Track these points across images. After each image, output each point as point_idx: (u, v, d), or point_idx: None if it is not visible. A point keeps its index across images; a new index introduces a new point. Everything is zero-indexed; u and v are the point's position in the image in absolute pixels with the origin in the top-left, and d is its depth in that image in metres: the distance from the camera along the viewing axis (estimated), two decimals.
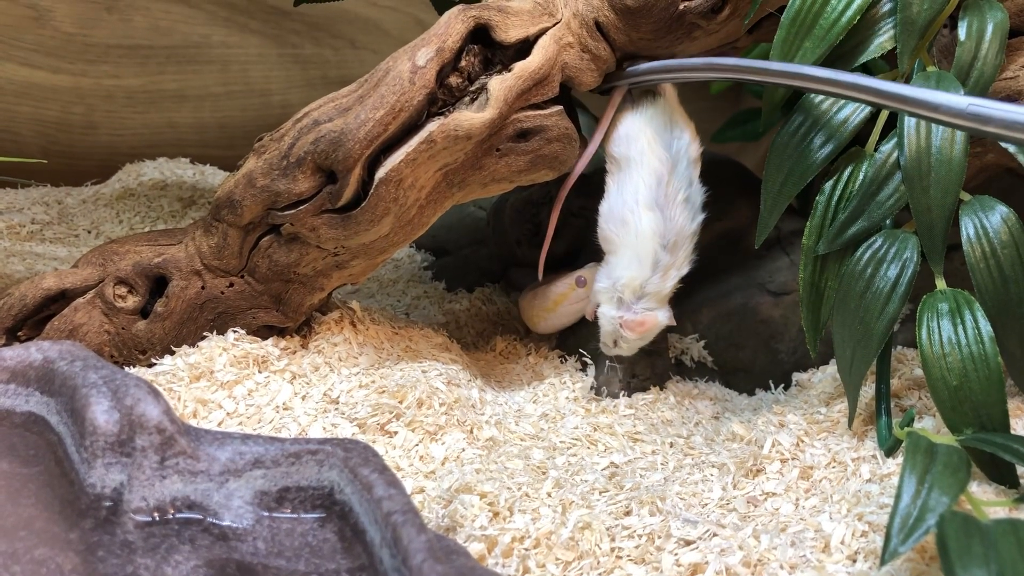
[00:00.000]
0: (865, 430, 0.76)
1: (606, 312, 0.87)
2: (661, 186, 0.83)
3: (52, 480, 0.59)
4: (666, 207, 0.83)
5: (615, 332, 0.86)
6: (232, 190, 0.81)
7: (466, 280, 1.16)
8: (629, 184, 0.84)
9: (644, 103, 0.86)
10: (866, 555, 0.61)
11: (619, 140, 0.86)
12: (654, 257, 0.83)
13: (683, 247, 0.85)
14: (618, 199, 0.85)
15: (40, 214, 1.29)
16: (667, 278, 0.84)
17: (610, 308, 0.86)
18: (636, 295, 0.85)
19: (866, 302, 0.73)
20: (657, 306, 0.85)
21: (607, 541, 0.65)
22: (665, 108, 0.86)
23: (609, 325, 0.87)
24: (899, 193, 0.75)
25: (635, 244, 0.84)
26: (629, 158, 0.85)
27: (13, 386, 0.64)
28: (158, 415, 0.57)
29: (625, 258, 0.85)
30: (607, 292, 0.87)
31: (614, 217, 0.85)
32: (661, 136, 0.84)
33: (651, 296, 0.85)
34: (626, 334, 0.85)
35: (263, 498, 0.57)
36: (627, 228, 0.84)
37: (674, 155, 0.84)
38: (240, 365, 0.82)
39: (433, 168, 0.80)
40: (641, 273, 0.84)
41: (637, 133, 0.85)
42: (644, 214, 0.83)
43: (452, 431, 0.79)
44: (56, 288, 0.82)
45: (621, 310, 0.85)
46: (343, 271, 0.84)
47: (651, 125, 0.85)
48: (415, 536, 0.48)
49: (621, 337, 0.86)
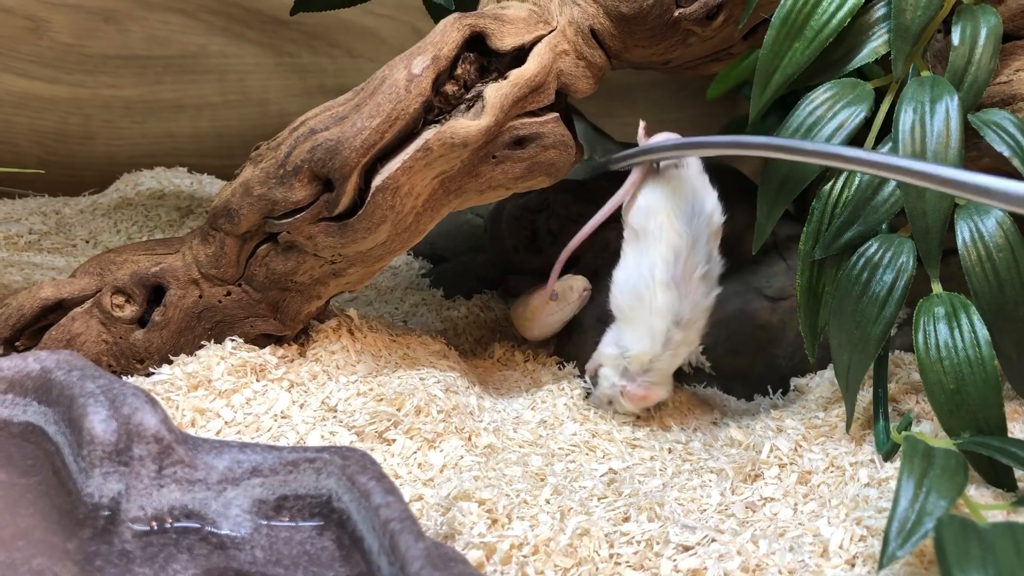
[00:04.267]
0: (863, 434, 0.76)
1: (608, 376, 0.86)
2: (679, 262, 0.81)
3: (50, 490, 0.59)
4: (682, 284, 0.81)
5: (613, 396, 0.86)
6: (229, 199, 0.81)
7: (464, 287, 1.16)
8: (646, 258, 0.82)
9: (666, 174, 0.84)
10: (864, 559, 0.61)
11: (638, 211, 0.84)
12: (666, 335, 0.81)
13: (696, 323, 0.83)
14: (634, 271, 0.83)
15: (38, 224, 1.29)
16: (676, 356, 0.83)
17: (613, 374, 0.85)
18: (642, 368, 0.83)
19: (863, 307, 0.73)
20: (660, 381, 0.84)
21: (606, 547, 0.65)
22: (688, 180, 0.83)
23: (609, 389, 0.86)
24: (894, 197, 0.75)
25: (648, 320, 0.82)
26: (647, 231, 0.82)
27: (11, 396, 0.64)
28: (156, 424, 0.57)
29: (637, 332, 0.83)
30: (613, 359, 0.85)
31: (628, 289, 0.83)
32: (682, 210, 0.82)
33: (657, 371, 0.83)
34: (625, 403, 0.85)
35: (261, 506, 0.57)
36: (642, 303, 0.82)
37: (694, 230, 0.81)
38: (238, 374, 0.82)
39: (430, 176, 0.80)
40: (652, 349, 0.82)
41: (657, 207, 0.82)
42: (660, 291, 0.81)
43: (450, 438, 0.79)
44: (54, 298, 0.82)
45: (624, 379, 0.84)
46: (340, 279, 0.84)
47: (672, 199, 0.82)
48: (413, 543, 0.48)
49: (618, 401, 0.85)
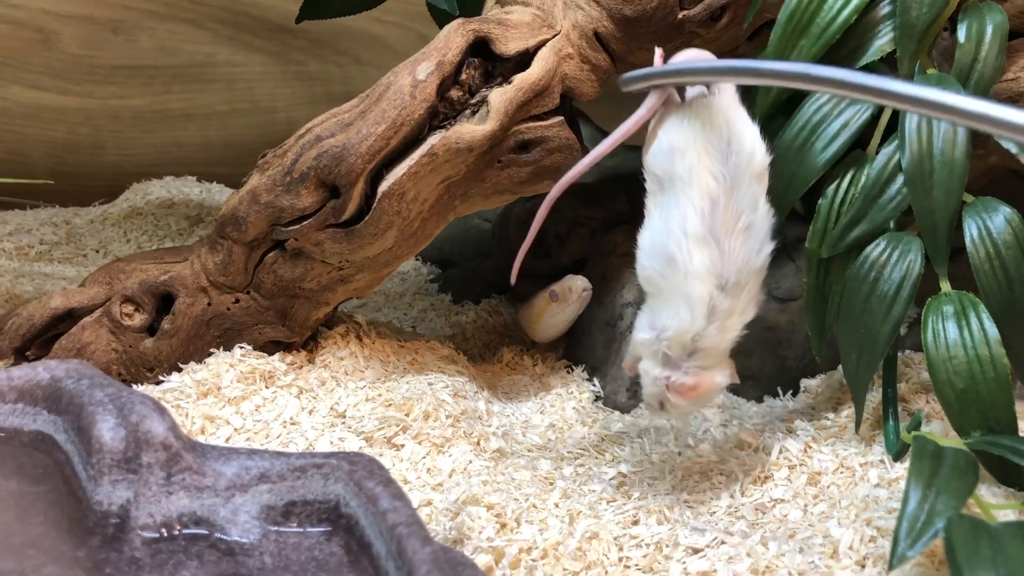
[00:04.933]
0: (873, 435, 0.76)
1: (648, 370, 0.68)
2: (717, 211, 0.65)
3: (60, 498, 0.59)
4: (723, 238, 0.65)
5: (660, 395, 0.68)
6: (236, 207, 0.81)
7: (472, 292, 1.16)
8: (675, 210, 0.66)
9: (694, 105, 0.68)
10: (875, 560, 0.60)
11: (661, 153, 0.68)
12: (709, 303, 0.65)
13: (747, 287, 0.66)
14: (661, 229, 0.67)
15: (48, 235, 1.30)
16: (726, 328, 0.66)
17: (653, 365, 0.68)
18: (686, 351, 0.66)
19: (871, 306, 0.72)
20: (713, 364, 0.67)
21: (615, 551, 0.65)
22: (721, 110, 0.67)
23: (652, 386, 0.68)
24: (901, 196, 0.74)
25: (684, 287, 0.65)
26: (674, 176, 0.67)
27: (21, 405, 0.64)
28: (164, 431, 0.57)
29: (672, 304, 0.66)
30: (649, 345, 0.68)
31: (657, 251, 0.67)
32: (715, 147, 0.66)
33: (705, 352, 0.66)
34: (674, 399, 0.67)
35: (269, 512, 0.58)
36: (674, 267, 0.66)
37: (732, 171, 0.66)
38: (247, 381, 0.82)
39: (435, 181, 0.80)
40: (693, 324, 0.65)
41: (684, 145, 0.67)
42: (695, 249, 0.65)
43: (459, 443, 0.79)
44: (63, 307, 0.82)
45: (667, 369, 0.67)
46: (348, 285, 0.84)
47: (703, 134, 0.67)
48: (420, 548, 0.48)
49: (668, 401, 0.68)
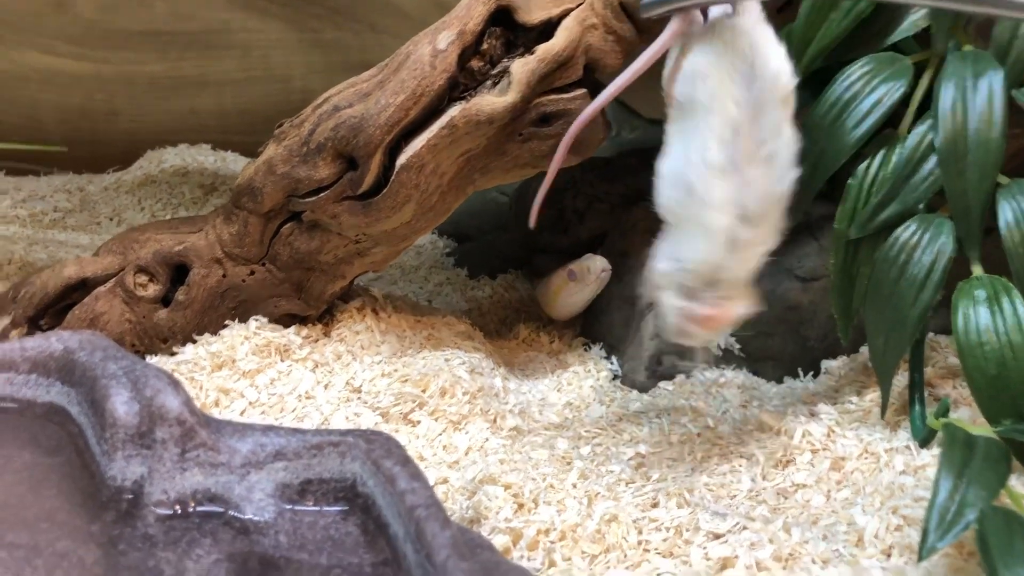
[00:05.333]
0: (898, 420, 0.74)
1: (668, 302, 0.67)
2: (738, 139, 0.62)
3: (73, 471, 0.58)
4: (745, 167, 0.62)
5: (680, 325, 0.67)
6: (252, 177, 0.80)
7: (489, 266, 1.15)
8: (696, 137, 0.64)
9: (717, 26, 0.65)
10: (901, 550, 0.59)
11: (683, 78, 0.66)
12: (729, 233, 0.63)
13: (768, 217, 0.64)
14: (681, 157, 0.65)
15: (62, 202, 1.29)
16: (747, 259, 0.64)
17: (673, 297, 0.67)
18: (706, 281, 0.65)
19: (900, 289, 0.71)
20: (734, 294, 0.65)
21: (634, 534, 0.64)
22: (745, 32, 0.64)
23: (673, 317, 0.67)
24: (934, 176, 0.72)
25: (704, 217, 0.63)
26: (695, 102, 0.64)
27: (34, 376, 0.64)
28: (178, 406, 0.56)
29: (691, 235, 0.65)
30: (669, 276, 0.67)
31: (677, 181, 0.65)
32: (739, 71, 0.63)
33: (726, 283, 0.65)
34: (694, 330, 0.67)
35: (285, 491, 0.57)
36: (693, 196, 0.64)
37: (755, 96, 0.63)
38: (262, 354, 0.82)
39: (455, 154, 0.78)
40: (712, 254, 0.64)
41: (706, 69, 0.64)
42: (715, 178, 0.63)
43: (475, 420, 0.78)
44: (77, 277, 0.81)
45: (687, 299, 0.66)
46: (365, 259, 0.83)
47: (725, 57, 0.63)
48: (439, 531, 0.47)
49: (687, 331, 0.67)
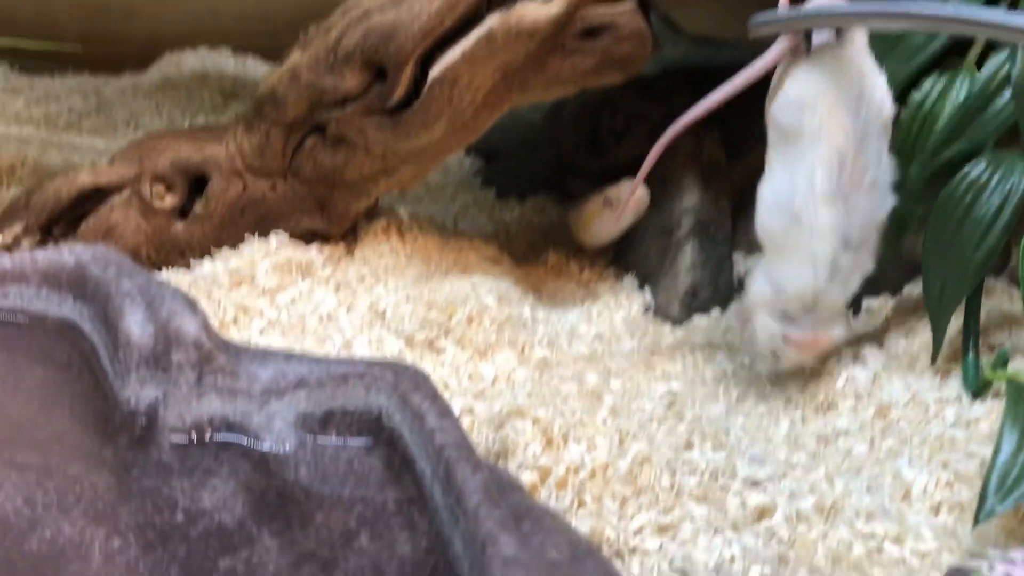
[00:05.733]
0: (948, 368, 0.70)
1: (766, 325, 0.69)
2: (845, 169, 0.65)
3: (86, 391, 0.56)
4: (850, 195, 0.65)
5: (775, 348, 0.70)
6: (275, 85, 0.76)
7: (518, 188, 1.11)
8: (802, 167, 0.65)
9: (822, 55, 0.67)
10: (951, 507, 0.56)
11: (788, 105, 0.67)
12: (832, 262, 0.66)
13: (868, 243, 0.67)
14: (787, 186, 0.67)
15: (78, 103, 1.25)
16: (847, 285, 0.67)
17: (770, 320, 0.69)
18: (806, 307, 0.68)
19: (963, 232, 0.66)
20: (831, 319, 0.68)
21: (668, 476, 0.61)
22: (852, 60, 0.66)
23: (770, 341, 0.70)
24: (1007, 112, 0.67)
25: (808, 246, 0.66)
26: (801, 131, 0.66)
27: (45, 290, 0.61)
28: (195, 329, 0.53)
29: (794, 263, 0.67)
30: (768, 301, 0.69)
31: (781, 209, 0.67)
32: (846, 101, 0.65)
33: (825, 309, 0.68)
34: (791, 353, 0.69)
35: (307, 420, 0.54)
36: (799, 225, 0.66)
37: (862, 125, 0.65)
38: (283, 271, 0.79)
39: (491, 67, 0.74)
40: (816, 282, 0.66)
41: (814, 98, 0.66)
42: (822, 207, 0.65)
43: (502, 350, 0.75)
44: (91, 185, 0.78)
45: (785, 324, 0.68)
46: (391, 177, 0.79)
47: (833, 87, 0.65)
48: (470, 475, 0.44)
49: (782, 354, 0.70)
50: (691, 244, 0.88)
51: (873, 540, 0.54)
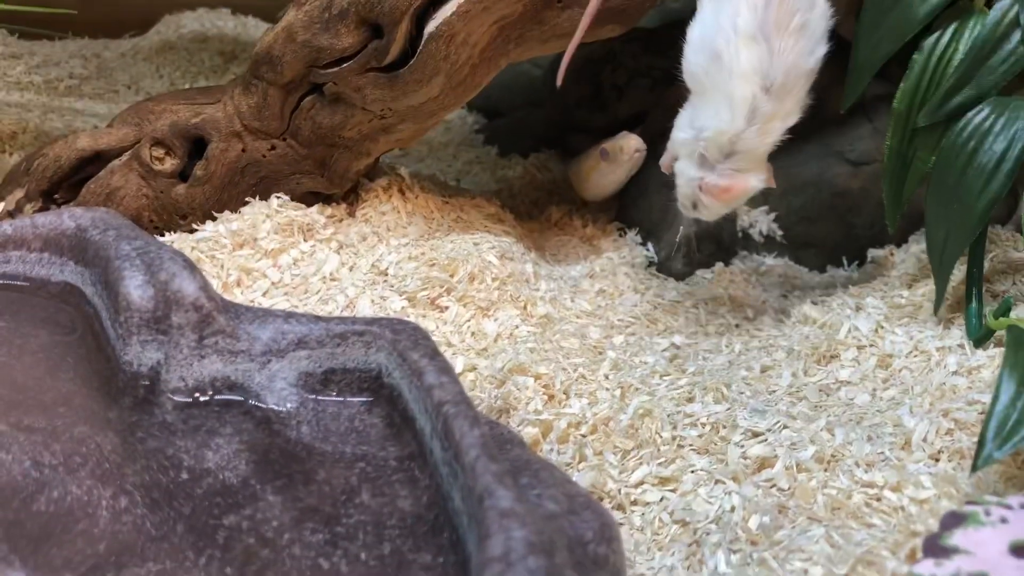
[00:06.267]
0: (951, 317, 0.70)
1: (684, 171, 0.69)
2: (771, 8, 0.63)
3: (90, 354, 0.56)
4: (773, 37, 0.63)
5: (693, 195, 0.69)
6: (271, 45, 0.75)
7: (520, 145, 1.10)
8: (728, 5, 0.64)
9: None
10: (951, 455, 0.56)
11: None
12: (751, 104, 0.64)
13: (793, 91, 0.65)
14: (711, 24, 0.65)
15: (78, 68, 1.24)
16: (767, 132, 0.65)
17: (689, 166, 0.68)
18: (723, 152, 0.66)
19: (967, 178, 0.65)
20: (749, 167, 0.67)
21: (668, 429, 0.61)
22: None
23: (687, 187, 0.69)
24: (1016, 56, 0.66)
25: (728, 85, 0.64)
26: None
27: (47, 255, 0.61)
28: (195, 291, 0.53)
29: (713, 103, 0.66)
30: (687, 145, 0.68)
31: (704, 47, 0.66)
32: None
33: (742, 155, 0.66)
34: (706, 200, 0.69)
35: (307, 380, 0.54)
36: (719, 64, 0.64)
37: None
38: (284, 233, 0.78)
39: (488, 22, 0.73)
40: (732, 124, 0.65)
41: None
42: (742, 46, 0.63)
43: (505, 307, 0.75)
44: (91, 149, 0.78)
45: (703, 169, 0.67)
46: (390, 135, 0.78)
47: None
48: (468, 430, 0.45)
49: (700, 202, 0.69)
50: None
51: (873, 488, 0.54)
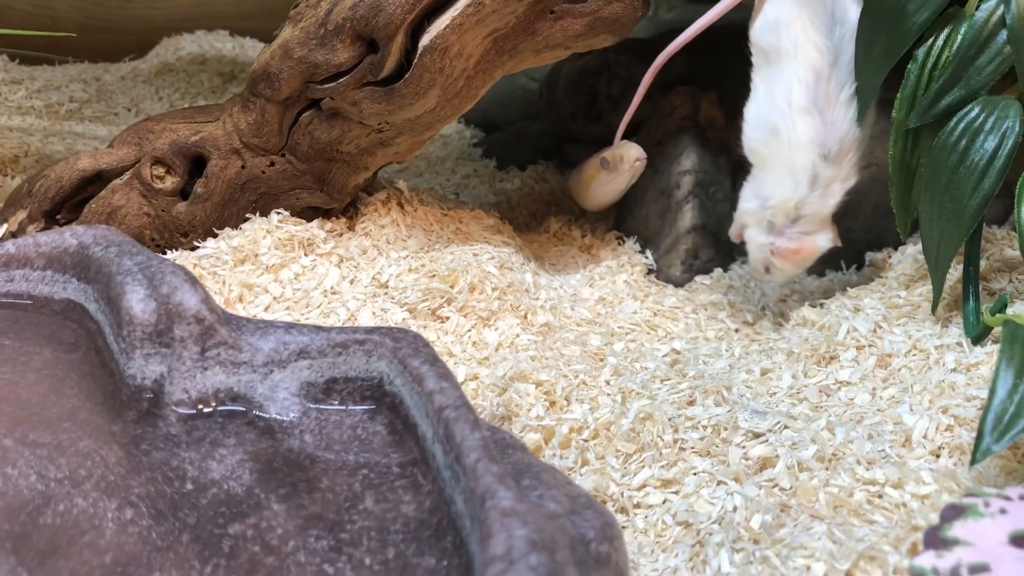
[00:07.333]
0: (949, 316, 0.70)
1: (754, 238, 0.75)
2: (821, 84, 0.69)
3: (93, 370, 0.57)
4: (827, 109, 0.70)
5: (766, 260, 0.75)
6: (268, 62, 0.76)
7: (518, 157, 1.11)
8: (780, 83, 0.71)
9: None
10: (951, 451, 0.57)
11: (767, 27, 0.72)
12: (812, 172, 0.71)
13: (848, 156, 0.71)
14: (767, 102, 0.72)
15: (78, 92, 1.26)
16: (828, 195, 0.72)
17: (759, 232, 0.75)
18: (790, 217, 0.73)
19: (959, 177, 0.66)
20: (815, 228, 0.73)
21: (670, 432, 0.62)
22: None
23: (759, 252, 0.75)
24: (1002, 56, 0.66)
25: (788, 157, 0.71)
26: (780, 50, 0.71)
27: (50, 272, 0.62)
28: (196, 304, 0.54)
29: (776, 173, 0.72)
30: (755, 214, 0.75)
31: (762, 124, 0.73)
32: (820, 19, 0.70)
33: (808, 218, 0.73)
34: (778, 263, 0.74)
35: (310, 389, 0.55)
36: (778, 138, 0.71)
37: (836, 43, 0.70)
38: (285, 248, 0.79)
39: (482, 34, 0.74)
40: (796, 192, 0.71)
41: (790, 18, 0.71)
42: (799, 120, 0.70)
43: (506, 316, 0.76)
44: (92, 169, 0.79)
45: (772, 235, 0.74)
46: (388, 149, 0.79)
47: (807, 7, 0.70)
48: (469, 433, 0.45)
49: (772, 265, 0.75)
50: (691, 205, 0.88)
51: (874, 486, 0.54)
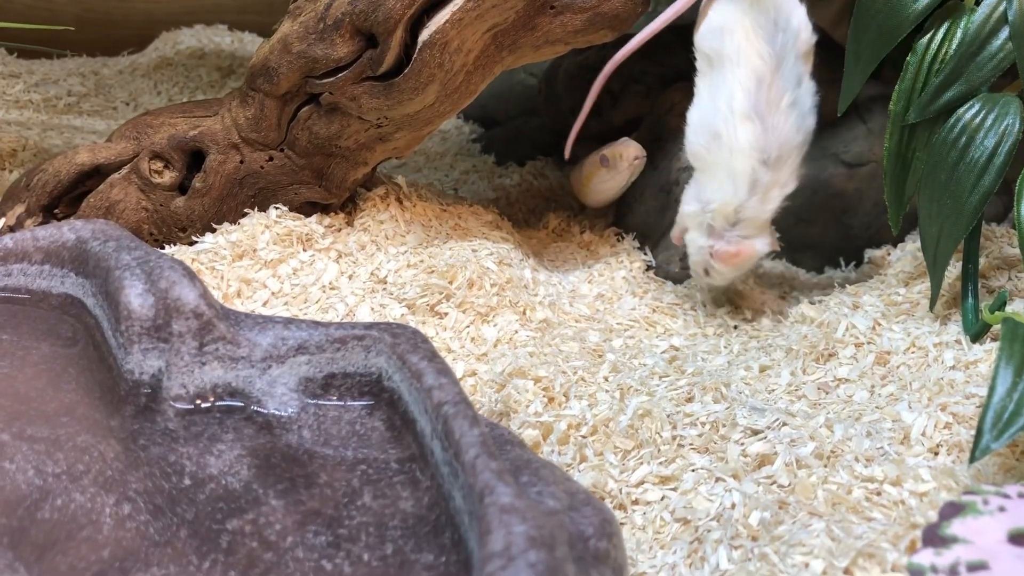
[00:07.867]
0: (948, 313, 0.70)
1: (694, 240, 0.76)
2: (762, 89, 0.70)
3: (91, 364, 0.57)
4: (767, 115, 0.70)
5: (704, 262, 0.76)
6: (267, 57, 0.76)
7: (517, 153, 1.10)
8: (723, 88, 0.71)
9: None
10: (949, 448, 0.57)
11: (710, 33, 0.73)
12: (751, 176, 0.71)
13: (788, 162, 0.72)
14: (709, 106, 0.72)
15: (76, 86, 1.25)
16: (767, 200, 0.72)
17: (699, 235, 0.75)
18: (729, 221, 0.73)
19: (958, 174, 0.66)
20: (754, 233, 0.73)
21: (668, 429, 0.62)
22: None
23: (698, 255, 0.76)
24: (1004, 53, 0.66)
25: (729, 161, 0.71)
26: (723, 55, 0.71)
27: (48, 267, 0.61)
28: (194, 299, 0.54)
29: (717, 178, 0.73)
30: (695, 217, 0.75)
31: (704, 128, 0.73)
32: (763, 27, 0.70)
33: (747, 222, 0.73)
34: (717, 266, 0.75)
35: (308, 385, 0.55)
36: (719, 142, 0.71)
37: (779, 50, 0.70)
38: (284, 243, 0.79)
39: (481, 29, 0.73)
40: (736, 196, 0.72)
41: (733, 24, 0.71)
42: (740, 125, 0.70)
43: (504, 312, 0.76)
44: (90, 163, 0.79)
45: (712, 238, 0.74)
46: (387, 144, 0.79)
47: (750, 14, 0.71)
48: (467, 430, 0.45)
49: (712, 268, 0.75)
50: None
51: (872, 483, 0.54)
